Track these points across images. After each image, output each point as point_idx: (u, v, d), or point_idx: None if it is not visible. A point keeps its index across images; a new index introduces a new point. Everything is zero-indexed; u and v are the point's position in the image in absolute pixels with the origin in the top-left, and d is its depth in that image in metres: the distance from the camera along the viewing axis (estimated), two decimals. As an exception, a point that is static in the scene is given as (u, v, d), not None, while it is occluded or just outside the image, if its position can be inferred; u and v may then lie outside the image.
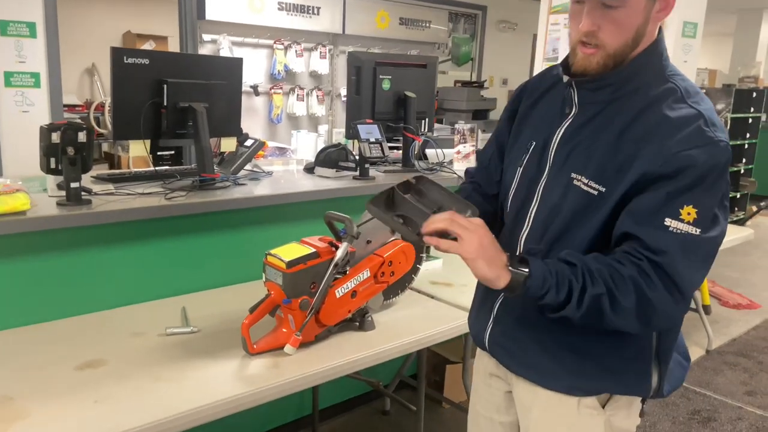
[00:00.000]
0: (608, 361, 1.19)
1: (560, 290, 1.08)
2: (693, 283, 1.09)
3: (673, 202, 1.06)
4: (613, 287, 1.06)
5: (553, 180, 1.20)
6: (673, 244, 1.06)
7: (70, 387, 1.43)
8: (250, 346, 1.60)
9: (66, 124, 1.85)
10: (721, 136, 1.08)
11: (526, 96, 1.34)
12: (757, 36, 7.99)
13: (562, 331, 1.19)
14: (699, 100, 1.12)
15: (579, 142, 1.17)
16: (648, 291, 1.05)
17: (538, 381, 1.26)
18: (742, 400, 3.04)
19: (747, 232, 3.42)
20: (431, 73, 3.02)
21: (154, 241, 2.05)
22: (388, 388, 2.78)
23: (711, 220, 1.07)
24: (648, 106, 1.12)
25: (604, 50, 1.12)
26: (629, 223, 1.09)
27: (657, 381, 1.21)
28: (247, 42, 5.42)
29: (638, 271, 1.06)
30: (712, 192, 1.07)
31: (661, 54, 1.17)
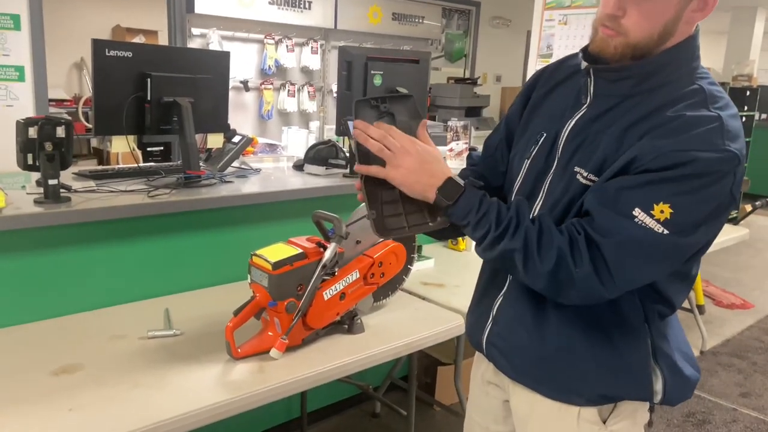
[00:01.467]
0: (606, 361, 1.14)
1: (477, 229, 1.08)
2: (632, 275, 1.03)
3: (649, 192, 0.98)
4: (534, 248, 1.03)
5: (559, 175, 1.13)
6: (624, 231, 0.99)
7: (43, 394, 1.37)
8: (235, 351, 1.54)
9: (44, 118, 1.78)
10: (731, 146, 0.99)
11: (541, 83, 1.26)
12: (751, 34, 7.98)
13: (560, 333, 1.15)
14: (723, 105, 1.04)
15: (588, 135, 1.10)
16: (571, 265, 1.01)
17: (536, 387, 1.20)
18: (737, 401, 3.01)
19: (742, 231, 3.39)
20: (424, 69, 2.96)
21: (136, 241, 1.98)
22: (378, 390, 2.72)
23: (688, 227, 0.99)
24: (667, 104, 1.04)
25: (625, 37, 1.04)
26: (593, 199, 1.03)
27: (662, 384, 1.15)
28: (237, 36, 5.34)
29: (570, 243, 1.02)
30: (699, 198, 0.98)
31: (693, 53, 1.09)
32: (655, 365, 1.15)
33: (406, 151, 1.09)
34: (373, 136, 1.11)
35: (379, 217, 1.13)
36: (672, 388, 1.16)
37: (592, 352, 1.14)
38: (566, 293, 1.06)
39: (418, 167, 1.09)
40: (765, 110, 8.15)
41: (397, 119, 1.15)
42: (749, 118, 6.54)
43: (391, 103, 1.16)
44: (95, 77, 2.03)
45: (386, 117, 1.15)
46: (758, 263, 5.46)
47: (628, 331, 1.13)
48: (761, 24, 8.07)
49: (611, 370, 1.14)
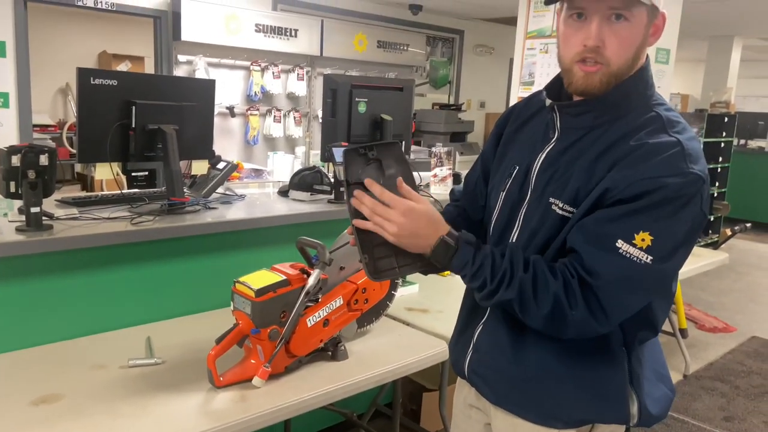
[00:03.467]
0: (584, 385, 1.17)
1: (473, 281, 1.12)
2: (624, 309, 1.08)
3: (628, 223, 1.03)
4: (530, 295, 1.07)
5: (534, 205, 1.18)
6: (613, 269, 1.04)
7: (23, 424, 1.35)
8: (217, 379, 1.53)
9: (27, 146, 1.78)
10: (694, 168, 1.04)
11: (512, 119, 1.32)
12: (728, 62, 8.17)
13: (540, 359, 1.18)
14: (681, 129, 1.10)
15: (559, 167, 1.15)
16: (567, 308, 1.06)
17: (516, 411, 1.22)
18: (720, 425, 3.02)
19: (722, 256, 3.44)
20: (408, 96, 3.00)
21: (118, 268, 1.97)
22: (362, 418, 2.70)
23: (669, 251, 1.05)
24: (629, 133, 1.09)
25: (608, 68, 1.08)
26: (578, 238, 1.08)
27: (637, 407, 1.18)
28: (223, 63, 5.38)
29: (565, 287, 1.06)
30: (674, 223, 1.03)
31: (647, 82, 1.14)
32: (631, 389, 1.18)
33: (398, 217, 1.11)
34: (366, 204, 1.13)
35: (371, 260, 1.16)
36: (648, 410, 1.19)
37: (570, 377, 1.17)
38: (563, 332, 1.10)
39: (412, 231, 1.11)
40: (743, 136, 8.33)
41: (384, 164, 1.19)
42: (727, 144, 6.67)
43: (378, 150, 1.20)
44: (80, 105, 2.03)
45: (374, 163, 1.19)
46: (740, 287, 5.52)
47: (606, 355, 1.16)
48: (738, 52, 8.27)
49: (589, 395, 1.17)
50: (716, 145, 6.53)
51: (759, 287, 5.55)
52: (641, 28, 1.07)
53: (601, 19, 1.06)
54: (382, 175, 1.19)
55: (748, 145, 8.50)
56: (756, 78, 11.78)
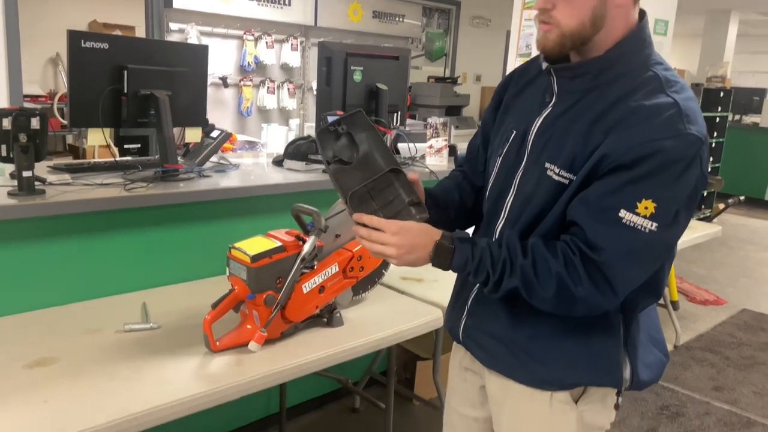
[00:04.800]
0: (578, 350, 1.18)
1: (477, 276, 1.14)
2: (632, 281, 1.08)
3: (629, 193, 1.02)
4: (533, 280, 1.08)
5: (530, 170, 1.17)
6: (617, 242, 1.03)
7: (17, 386, 1.35)
8: (213, 343, 1.54)
9: (18, 109, 1.75)
10: (692, 129, 1.03)
11: (512, 85, 1.31)
12: (725, 36, 8.13)
13: (533, 323, 1.19)
14: (679, 89, 1.08)
15: (555, 131, 1.14)
16: (572, 286, 1.06)
17: (510, 374, 1.24)
18: (710, 395, 3.07)
19: (715, 228, 3.46)
20: (403, 66, 2.97)
21: (113, 234, 1.96)
22: (357, 385, 2.73)
23: (672, 216, 1.03)
24: (626, 95, 1.08)
25: (559, 29, 1.09)
26: (581, 212, 1.07)
27: (630, 371, 1.19)
28: (216, 32, 5.30)
29: (566, 265, 1.06)
30: (676, 187, 1.02)
31: (644, 41, 1.12)
32: (625, 354, 1.18)
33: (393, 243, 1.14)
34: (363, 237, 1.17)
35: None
36: (640, 375, 1.20)
37: (563, 342, 1.18)
38: (573, 310, 1.10)
39: (409, 250, 1.14)
40: (738, 111, 8.33)
41: (355, 136, 1.23)
42: (723, 119, 6.66)
43: (346, 123, 1.24)
44: (71, 69, 2.00)
45: (345, 137, 1.22)
46: (732, 261, 5.57)
47: (602, 321, 1.16)
48: (735, 27, 8.23)
49: (582, 359, 1.18)
50: (711, 120, 6.53)
51: (750, 261, 5.60)
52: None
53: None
54: (355, 147, 1.22)
55: (743, 120, 8.50)
56: (752, 53, 11.75)
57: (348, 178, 1.22)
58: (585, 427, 1.22)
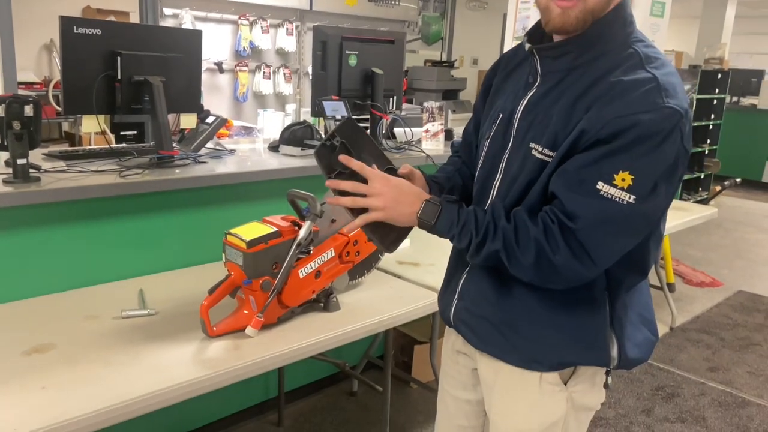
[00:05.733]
0: (565, 329, 1.19)
1: (461, 240, 1.15)
2: (610, 252, 1.09)
3: (606, 165, 1.03)
4: (514, 244, 1.10)
5: (515, 151, 1.19)
6: (593, 211, 1.05)
7: (15, 372, 1.36)
8: (210, 329, 1.55)
9: (12, 96, 1.74)
10: (670, 102, 1.03)
11: (501, 69, 1.33)
12: (723, 18, 8.07)
13: (520, 302, 1.20)
14: (659, 65, 1.09)
15: (539, 111, 1.15)
16: (550, 254, 1.07)
17: (500, 355, 1.25)
18: (705, 375, 3.10)
19: (711, 211, 3.47)
20: (399, 50, 2.96)
21: (109, 221, 1.96)
22: (355, 369, 2.75)
23: (650, 189, 1.04)
24: (607, 72, 1.09)
25: (584, 3, 1.08)
26: (559, 184, 1.08)
27: (617, 349, 1.19)
28: (210, 17, 5.26)
29: (545, 232, 1.07)
30: (654, 159, 1.03)
31: (625, 20, 1.14)
32: (612, 332, 1.19)
33: (379, 192, 1.16)
34: (345, 188, 1.18)
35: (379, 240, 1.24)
36: (627, 353, 1.20)
37: (551, 321, 1.19)
38: (552, 280, 1.12)
39: (395, 202, 1.16)
40: (736, 93, 8.31)
41: (349, 144, 1.24)
42: (720, 100, 6.64)
43: (338, 134, 1.24)
44: (64, 56, 1.99)
45: (340, 147, 1.24)
46: (727, 243, 5.59)
47: (587, 299, 1.17)
48: (732, 8, 8.17)
49: (569, 338, 1.19)
50: (709, 102, 6.51)
51: (746, 243, 5.62)
52: None
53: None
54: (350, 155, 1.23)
55: (740, 102, 8.48)
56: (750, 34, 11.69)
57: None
58: (575, 407, 1.24)
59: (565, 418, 1.24)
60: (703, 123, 6.48)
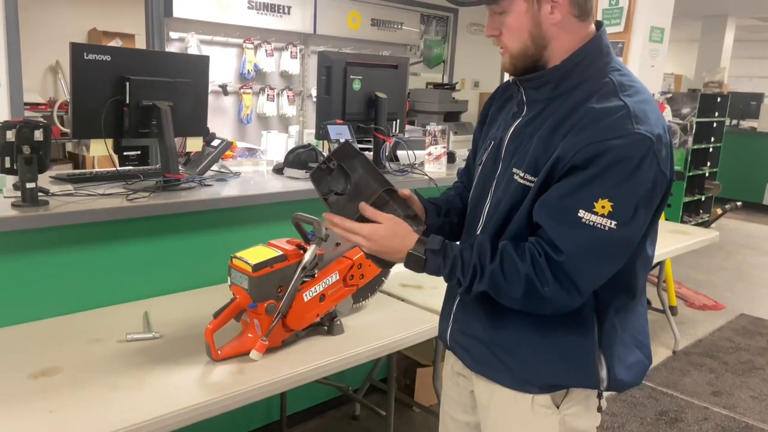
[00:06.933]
0: (553, 351, 1.21)
1: (450, 280, 1.21)
2: (595, 279, 1.12)
3: (585, 193, 1.07)
4: (502, 283, 1.14)
5: (502, 177, 1.24)
6: (578, 242, 1.08)
7: (23, 396, 1.37)
8: (215, 352, 1.55)
9: (22, 121, 1.77)
10: (640, 129, 1.07)
11: (496, 99, 1.39)
12: (722, 42, 8.17)
13: (512, 324, 1.23)
14: (633, 93, 1.13)
15: (523, 139, 1.21)
16: (539, 287, 1.11)
17: (493, 377, 1.28)
18: (709, 400, 3.09)
19: (712, 234, 3.48)
20: (402, 74, 3.00)
21: (115, 244, 1.98)
22: (357, 392, 2.74)
23: (631, 214, 1.07)
24: (583, 100, 1.14)
25: (509, 52, 1.20)
26: (543, 214, 1.12)
27: (606, 372, 1.21)
28: (215, 41, 5.33)
29: (534, 267, 1.11)
30: (631, 185, 1.06)
31: (601, 50, 1.19)
32: (600, 354, 1.21)
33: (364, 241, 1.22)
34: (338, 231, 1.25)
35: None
36: (617, 375, 1.22)
37: (541, 342, 1.22)
38: (542, 309, 1.15)
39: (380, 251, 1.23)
40: (735, 116, 8.36)
41: (346, 166, 1.30)
42: (720, 124, 6.69)
43: (335, 157, 1.31)
44: (73, 81, 2.02)
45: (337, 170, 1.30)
46: (729, 265, 5.59)
47: (575, 321, 1.19)
48: (731, 32, 8.27)
49: (559, 359, 1.21)
50: (708, 125, 6.55)
51: (748, 266, 5.62)
52: (522, 15, 1.15)
53: (491, 14, 1.20)
54: (348, 179, 1.30)
55: (740, 125, 8.53)
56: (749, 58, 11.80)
57: (346, 206, 1.28)
58: (569, 430, 1.25)
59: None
60: (703, 146, 6.51)
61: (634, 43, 3.98)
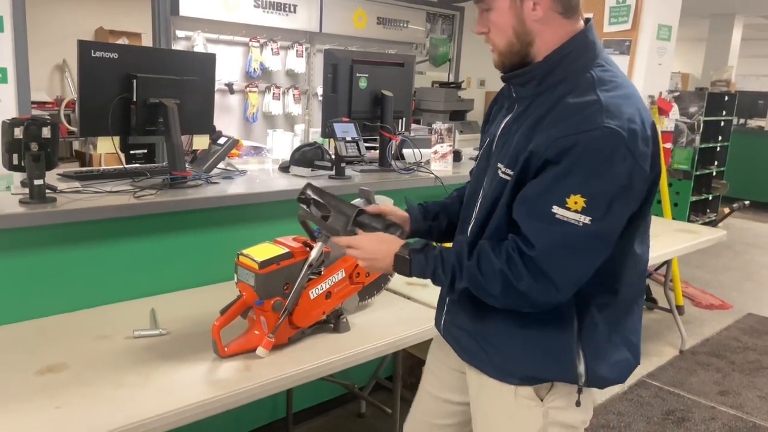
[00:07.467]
0: (532, 343, 1.23)
1: (435, 282, 1.26)
2: (571, 275, 1.13)
3: (558, 188, 1.08)
4: (480, 280, 1.17)
5: (490, 173, 1.27)
6: (552, 238, 1.10)
7: (29, 393, 1.37)
8: (221, 349, 1.56)
9: (29, 119, 1.78)
10: (610, 123, 1.06)
11: (499, 99, 1.43)
12: (729, 40, 8.13)
13: (495, 315, 1.26)
14: (611, 87, 1.13)
15: (509, 135, 1.24)
16: (515, 282, 1.13)
17: (480, 367, 1.32)
18: (715, 400, 3.07)
19: (720, 233, 3.46)
20: (409, 72, 3.00)
21: (122, 241, 1.98)
22: (363, 390, 2.74)
23: (605, 209, 1.07)
24: (563, 96, 1.15)
25: (497, 49, 1.24)
26: (520, 211, 1.15)
27: (584, 368, 1.21)
28: (221, 39, 5.33)
29: (507, 261, 1.14)
30: (602, 179, 1.06)
31: (585, 46, 1.19)
32: (579, 349, 1.21)
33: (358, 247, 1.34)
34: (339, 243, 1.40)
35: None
36: (598, 372, 1.22)
37: (520, 334, 1.25)
38: (522, 305, 1.18)
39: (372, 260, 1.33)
40: (742, 115, 8.32)
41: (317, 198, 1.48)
42: (727, 122, 6.65)
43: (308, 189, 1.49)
44: (81, 78, 2.03)
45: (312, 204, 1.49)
46: (737, 265, 5.56)
47: (554, 315, 1.21)
48: (739, 31, 8.23)
49: (537, 352, 1.24)
50: (716, 124, 6.52)
51: (755, 265, 5.59)
52: (506, 11, 1.19)
53: (479, 12, 1.25)
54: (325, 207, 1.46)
55: (747, 124, 8.49)
56: (756, 57, 11.73)
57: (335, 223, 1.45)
58: (554, 424, 1.27)
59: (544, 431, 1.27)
60: (711, 145, 6.48)
61: (642, 41, 3.96)
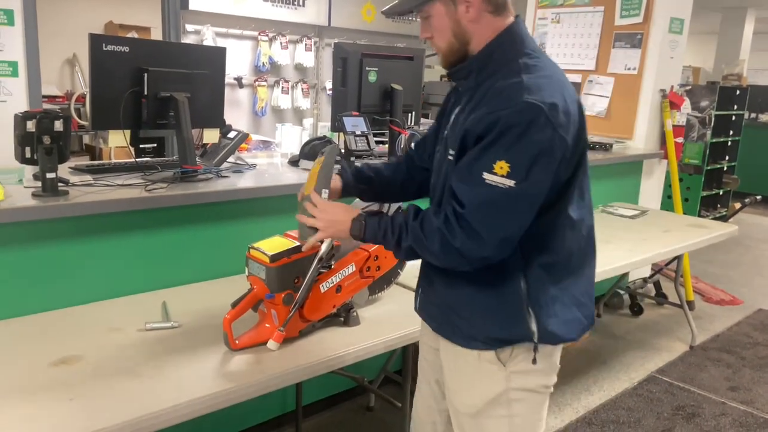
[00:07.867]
0: (489, 306, 1.33)
1: (387, 243, 1.35)
2: (499, 231, 1.23)
3: (486, 157, 1.20)
4: (422, 237, 1.28)
5: (445, 161, 1.36)
6: (480, 198, 1.21)
7: (44, 384, 1.39)
8: (232, 342, 1.56)
9: (42, 112, 1.78)
10: (529, 98, 1.18)
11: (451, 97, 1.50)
12: (741, 34, 8.05)
13: (457, 285, 1.36)
14: (535, 71, 1.24)
15: (457, 124, 1.34)
16: (450, 239, 1.23)
17: (449, 336, 1.41)
18: (726, 395, 3.06)
19: (731, 228, 3.44)
20: (418, 65, 2.99)
21: (133, 234, 1.99)
22: (372, 383, 2.74)
23: (525, 172, 1.19)
24: (494, 84, 1.26)
25: (440, 50, 1.36)
26: (455, 179, 1.27)
27: (536, 325, 1.31)
28: (231, 33, 5.35)
29: (444, 221, 1.25)
30: (523, 147, 1.18)
31: (513, 40, 1.31)
32: (528, 307, 1.32)
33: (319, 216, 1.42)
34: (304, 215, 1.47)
35: None
36: (549, 328, 1.32)
37: (477, 299, 1.35)
38: (460, 263, 1.27)
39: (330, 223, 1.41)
40: (754, 110, 8.24)
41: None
42: (739, 117, 6.59)
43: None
44: (92, 72, 2.03)
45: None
46: (747, 260, 5.52)
47: (504, 277, 1.32)
48: (751, 24, 8.15)
49: (492, 313, 1.33)
50: (727, 119, 6.46)
51: (766, 261, 5.54)
52: (443, 16, 1.31)
53: (422, 20, 1.36)
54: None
55: (759, 118, 8.41)
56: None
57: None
58: (517, 387, 1.35)
59: (506, 395, 1.36)
60: (722, 139, 6.43)
61: (653, 34, 3.92)
